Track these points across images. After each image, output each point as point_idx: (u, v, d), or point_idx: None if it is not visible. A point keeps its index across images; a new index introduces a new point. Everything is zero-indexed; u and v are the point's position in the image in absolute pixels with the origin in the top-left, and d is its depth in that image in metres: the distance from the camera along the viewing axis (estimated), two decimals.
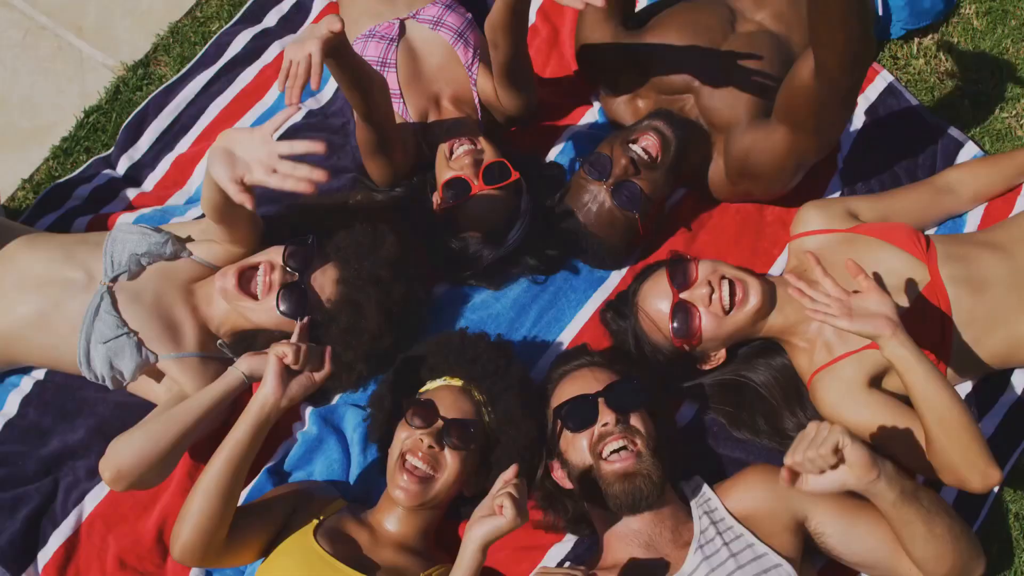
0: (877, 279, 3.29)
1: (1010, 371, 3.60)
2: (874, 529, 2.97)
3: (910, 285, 3.32)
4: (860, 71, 3.15)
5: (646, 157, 3.56)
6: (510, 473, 2.86)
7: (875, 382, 3.27)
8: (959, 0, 4.40)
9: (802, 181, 3.73)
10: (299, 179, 2.82)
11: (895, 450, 3.17)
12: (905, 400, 3.18)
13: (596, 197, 3.61)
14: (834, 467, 2.70)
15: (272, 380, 3.06)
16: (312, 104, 4.42)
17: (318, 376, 3.18)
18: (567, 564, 3.18)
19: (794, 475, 2.74)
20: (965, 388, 3.54)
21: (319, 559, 3.02)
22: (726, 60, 3.72)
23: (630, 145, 3.59)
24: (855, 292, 3.03)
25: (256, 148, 2.88)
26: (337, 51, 3.07)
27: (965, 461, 2.93)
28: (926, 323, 3.26)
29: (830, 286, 3.04)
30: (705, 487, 3.23)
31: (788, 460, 2.73)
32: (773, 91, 3.57)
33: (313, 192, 2.82)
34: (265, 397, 3.06)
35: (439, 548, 3.38)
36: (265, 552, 3.19)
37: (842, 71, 3.08)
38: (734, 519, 3.08)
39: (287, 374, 3.11)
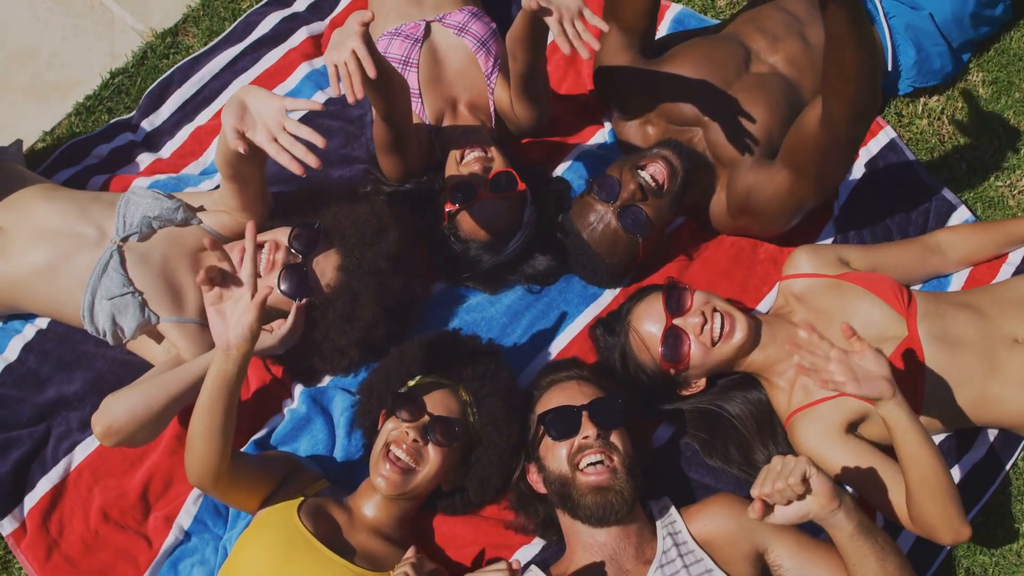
0: (861, 330, 3.40)
1: (977, 430, 3.69)
2: (829, 568, 3.04)
3: (888, 338, 3.41)
4: (864, 125, 3.27)
5: (653, 184, 3.63)
6: (410, 552, 3.00)
7: (852, 428, 3.34)
8: (968, 65, 4.48)
9: (797, 224, 3.80)
10: (292, 157, 2.91)
11: (867, 495, 3.27)
12: (879, 447, 3.29)
13: (602, 218, 3.68)
14: (800, 497, 2.79)
15: (214, 329, 2.92)
16: (332, 92, 4.46)
17: (256, 302, 2.86)
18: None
19: (766, 507, 2.81)
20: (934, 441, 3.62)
21: (300, 536, 3.09)
22: (736, 98, 3.80)
23: (639, 171, 3.65)
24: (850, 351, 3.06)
25: (269, 112, 2.97)
26: (370, 45, 3.12)
27: (940, 518, 3.02)
28: (900, 376, 3.30)
29: (829, 349, 3.05)
30: (672, 509, 3.30)
31: (756, 492, 2.80)
32: (778, 133, 3.68)
33: (301, 174, 2.89)
34: (217, 350, 2.92)
35: (413, 538, 3.45)
36: (262, 505, 3.27)
37: (848, 123, 3.20)
38: (696, 543, 3.17)
39: (224, 315, 2.92)
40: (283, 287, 3.44)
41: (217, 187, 3.74)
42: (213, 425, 2.94)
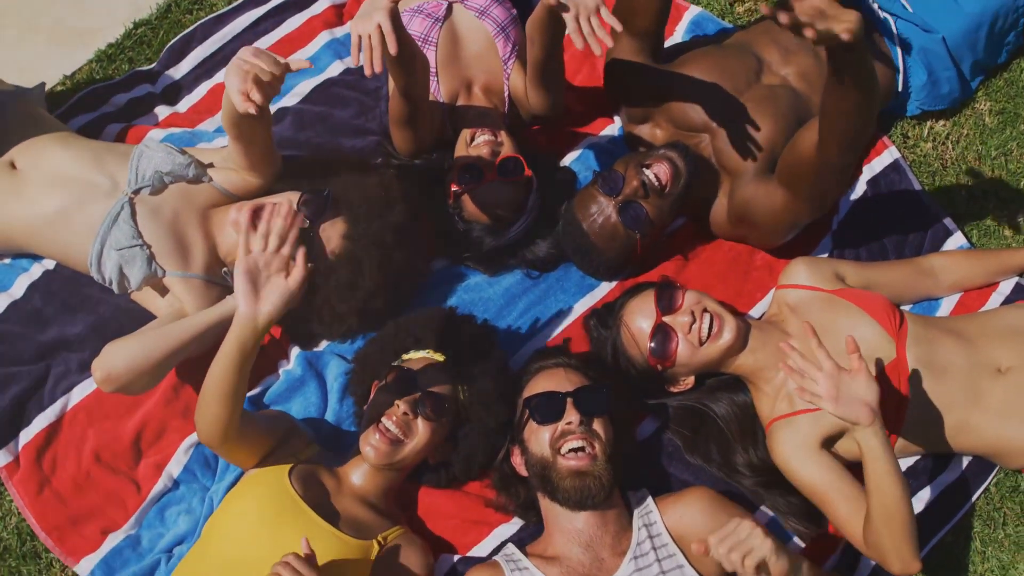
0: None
1: (953, 455, 3.73)
2: None
3: (876, 358, 3.45)
4: (855, 154, 3.31)
5: (656, 184, 3.67)
6: (304, 543, 2.95)
7: (828, 443, 3.38)
8: (976, 93, 4.52)
9: (795, 236, 3.84)
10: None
11: (827, 513, 3.33)
12: (852, 466, 3.34)
13: (603, 210, 3.73)
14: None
15: (243, 297, 2.91)
16: (351, 62, 4.53)
17: (292, 281, 2.96)
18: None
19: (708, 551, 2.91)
20: (907, 463, 3.70)
21: (289, 498, 3.16)
22: (745, 108, 3.84)
23: (644, 169, 3.68)
24: (845, 369, 3.09)
25: (268, 69, 3.06)
26: (395, 20, 3.16)
27: (893, 548, 3.08)
28: (885, 398, 3.32)
29: (824, 360, 3.09)
30: (649, 500, 3.37)
31: (712, 544, 2.87)
32: (783, 146, 3.70)
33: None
34: (241, 317, 2.91)
35: (398, 508, 3.53)
36: (260, 463, 3.34)
37: (840, 153, 3.26)
38: (670, 536, 3.24)
39: (256, 283, 2.93)
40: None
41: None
42: (228, 389, 2.98)
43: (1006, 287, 3.98)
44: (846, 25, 2.64)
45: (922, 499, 3.68)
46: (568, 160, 4.30)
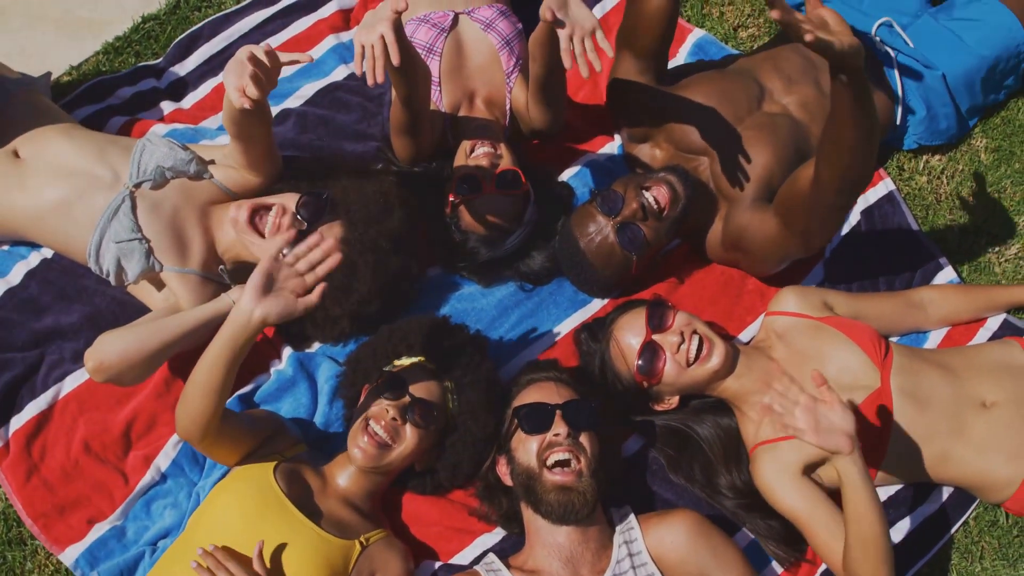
0: (835, 375, 3.50)
1: (933, 486, 3.76)
2: None
3: (860, 387, 3.48)
4: (852, 195, 3.35)
5: (655, 206, 3.68)
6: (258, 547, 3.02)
7: (809, 469, 3.40)
8: (973, 130, 4.55)
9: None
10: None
11: (808, 538, 3.36)
12: (832, 493, 3.36)
13: (601, 230, 3.74)
14: None
15: (250, 292, 2.93)
16: (355, 70, 4.49)
17: (300, 304, 3.00)
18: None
19: None
20: (888, 492, 3.72)
21: (273, 494, 3.18)
22: (745, 134, 3.87)
23: (643, 191, 3.70)
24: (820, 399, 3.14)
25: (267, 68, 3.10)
26: (398, 32, 3.20)
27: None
28: (867, 426, 3.41)
29: (798, 394, 3.14)
30: (632, 517, 3.38)
31: None
32: (780, 175, 3.75)
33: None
34: (239, 310, 2.95)
35: (381, 511, 3.55)
36: (242, 461, 3.36)
37: (836, 192, 3.27)
38: (649, 556, 3.25)
39: (268, 286, 2.96)
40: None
41: None
42: (214, 383, 3.00)
43: (994, 323, 4.01)
44: (846, 41, 2.71)
45: (901, 530, 3.70)
46: (566, 176, 4.31)
